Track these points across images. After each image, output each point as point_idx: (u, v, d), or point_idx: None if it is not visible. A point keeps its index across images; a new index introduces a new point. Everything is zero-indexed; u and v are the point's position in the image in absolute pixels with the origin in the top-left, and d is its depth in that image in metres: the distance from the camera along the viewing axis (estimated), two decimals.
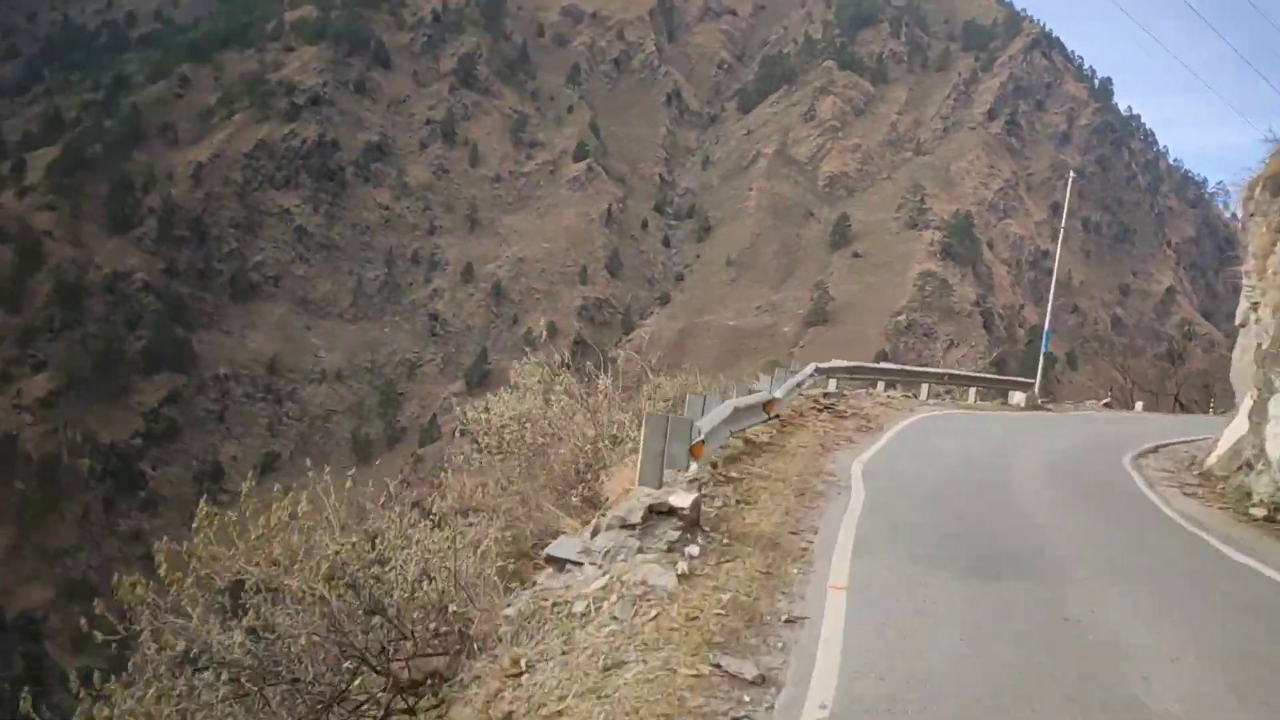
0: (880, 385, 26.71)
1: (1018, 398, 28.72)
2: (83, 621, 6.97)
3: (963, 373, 32.77)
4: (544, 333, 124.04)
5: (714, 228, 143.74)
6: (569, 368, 14.31)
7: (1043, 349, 35.87)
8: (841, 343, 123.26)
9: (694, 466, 9.80)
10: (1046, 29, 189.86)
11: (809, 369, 20.73)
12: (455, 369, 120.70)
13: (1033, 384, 30.47)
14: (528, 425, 12.85)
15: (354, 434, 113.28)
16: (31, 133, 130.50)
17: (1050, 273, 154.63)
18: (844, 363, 25.68)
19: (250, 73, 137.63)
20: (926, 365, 51.87)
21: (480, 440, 13.22)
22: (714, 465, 10.98)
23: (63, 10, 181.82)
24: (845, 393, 23.29)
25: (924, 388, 27.25)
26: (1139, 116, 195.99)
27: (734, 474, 11.09)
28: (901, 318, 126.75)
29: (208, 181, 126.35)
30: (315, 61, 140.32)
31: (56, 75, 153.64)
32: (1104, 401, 36.30)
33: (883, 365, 29.53)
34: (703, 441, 9.71)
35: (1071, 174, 51.66)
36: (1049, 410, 29.01)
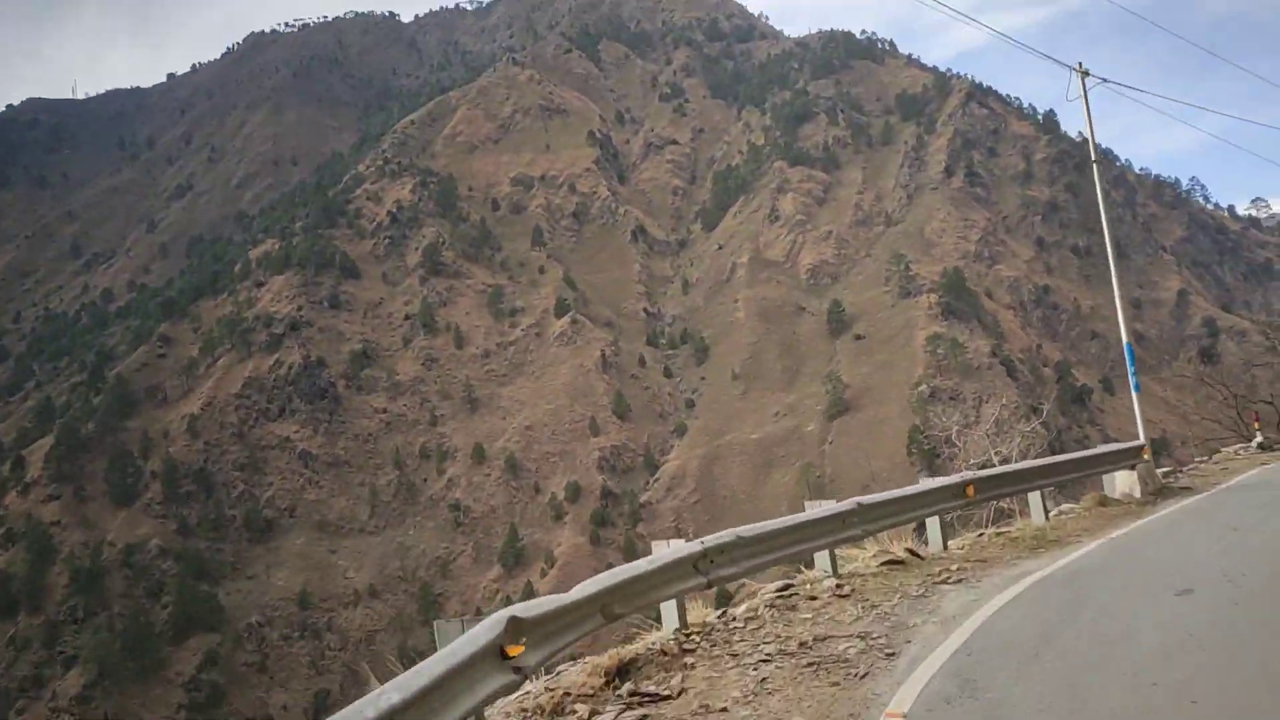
0: (823, 559, 10.32)
1: (1122, 482, 16.12)
2: None
3: (998, 469, 15.33)
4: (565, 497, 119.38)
5: (711, 346, 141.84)
6: None
7: (1130, 373, 19.29)
8: (868, 427, 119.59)
9: None
10: (976, 81, 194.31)
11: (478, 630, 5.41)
12: (489, 554, 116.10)
13: (1140, 447, 17.10)
14: None
15: (400, 649, 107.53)
16: (27, 428, 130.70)
17: (1056, 306, 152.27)
18: (687, 546, 8.04)
19: (227, 315, 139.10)
20: (947, 451, 29.12)
21: None
22: None
23: (44, 305, 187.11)
24: (731, 626, 8.36)
25: (931, 524, 11.98)
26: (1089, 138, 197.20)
27: None
28: (923, 387, 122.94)
29: (204, 431, 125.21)
30: (286, 289, 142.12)
31: (45, 366, 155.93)
32: (1257, 440, 24.34)
33: (809, 515, 9.90)
34: None
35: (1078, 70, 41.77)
36: (1191, 494, 16.20)
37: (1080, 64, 17.69)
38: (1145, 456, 16.74)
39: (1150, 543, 11.71)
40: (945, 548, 11.79)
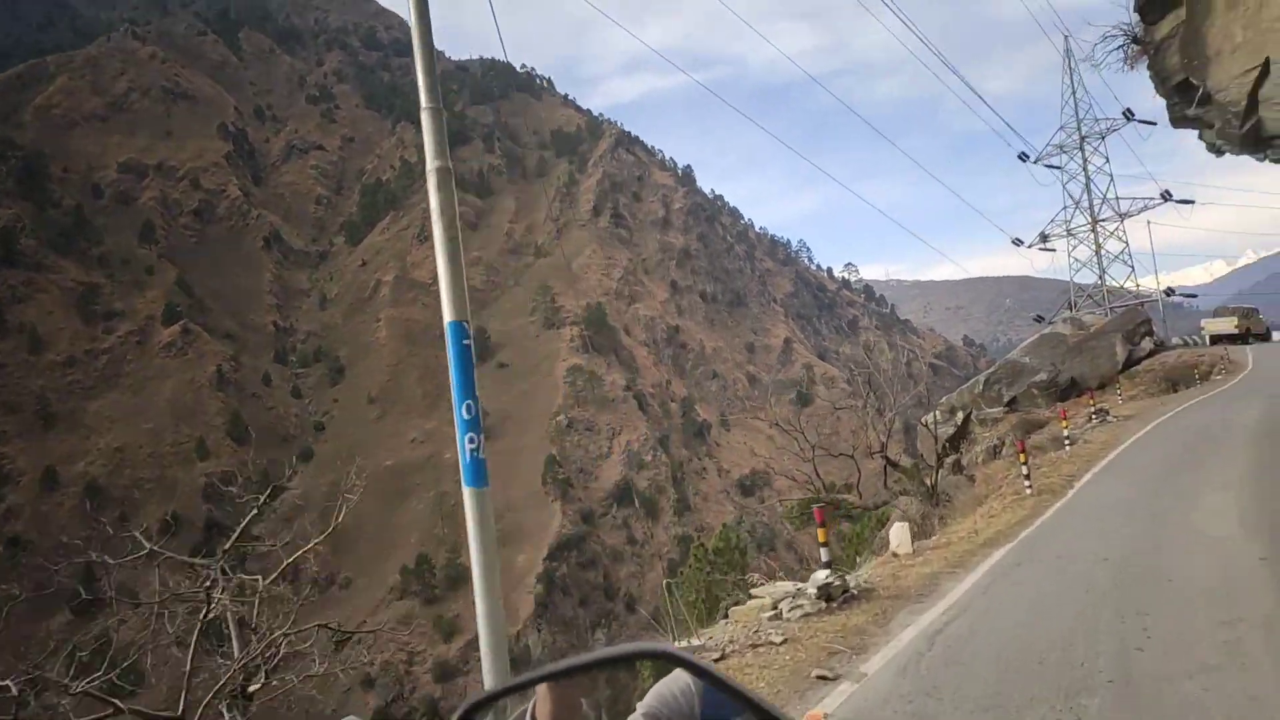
0: None
1: None
2: None
3: None
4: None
5: (347, 367, 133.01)
6: None
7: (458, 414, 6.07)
8: (509, 455, 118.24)
9: None
10: (625, 129, 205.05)
11: None
12: (53, 602, 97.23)
13: None
14: None
15: None
16: None
17: (684, 346, 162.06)
18: None
19: None
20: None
21: None
22: None
23: None
24: None
25: None
26: (722, 196, 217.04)
27: None
28: (561, 418, 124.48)
29: None
30: None
31: None
32: (821, 578, 9.19)
33: None
34: None
35: None
36: None
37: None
38: None
39: None
40: None
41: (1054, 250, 53.47)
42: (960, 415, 34.66)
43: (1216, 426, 18.23)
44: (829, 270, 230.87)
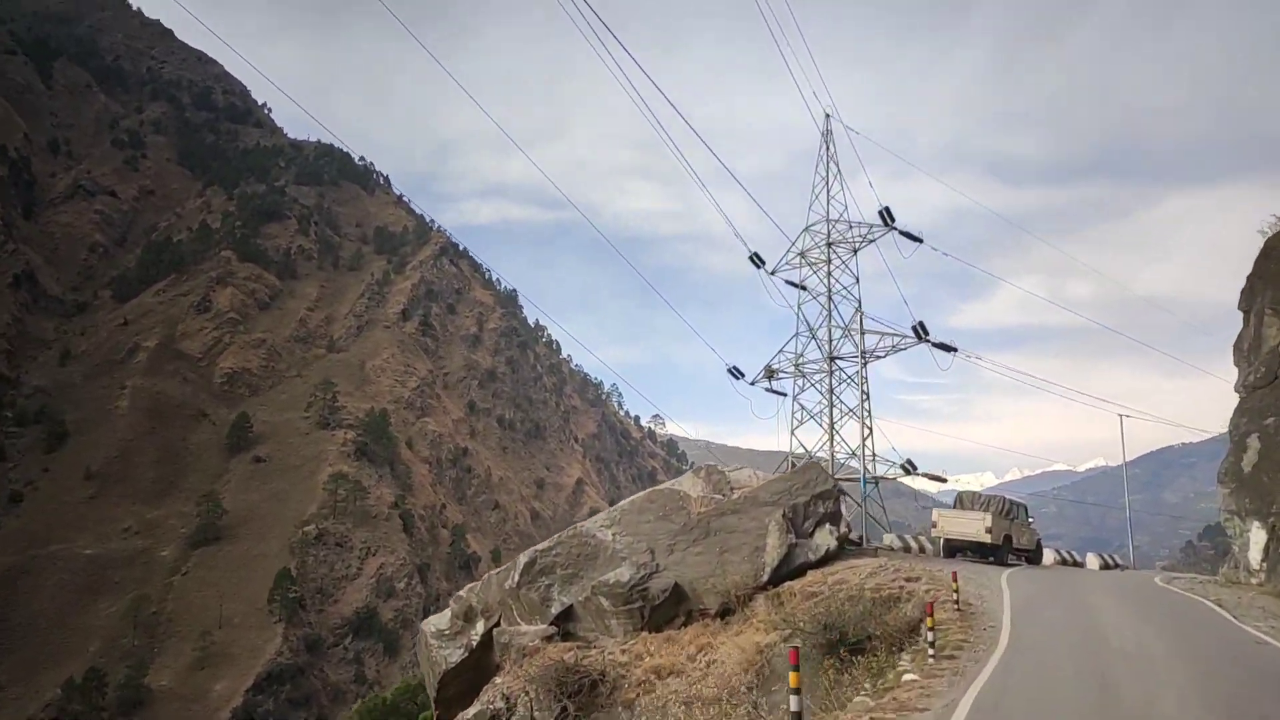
0: None
1: None
2: None
3: None
4: None
5: (72, 434, 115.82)
6: None
7: None
8: (239, 561, 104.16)
9: None
10: (453, 239, 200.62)
11: None
12: None
13: None
14: None
15: None
16: None
17: (470, 470, 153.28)
18: None
19: None
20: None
21: None
22: None
23: None
24: None
25: None
26: (544, 327, 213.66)
27: None
28: (311, 527, 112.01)
29: None
30: None
31: None
32: None
33: None
34: None
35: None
36: None
37: None
38: None
39: None
40: None
41: (783, 395, 40.66)
42: (481, 627, 20.86)
43: None
44: (636, 419, 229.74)
